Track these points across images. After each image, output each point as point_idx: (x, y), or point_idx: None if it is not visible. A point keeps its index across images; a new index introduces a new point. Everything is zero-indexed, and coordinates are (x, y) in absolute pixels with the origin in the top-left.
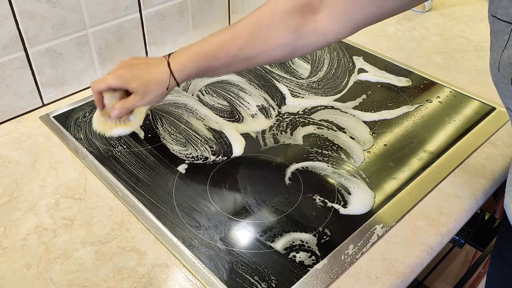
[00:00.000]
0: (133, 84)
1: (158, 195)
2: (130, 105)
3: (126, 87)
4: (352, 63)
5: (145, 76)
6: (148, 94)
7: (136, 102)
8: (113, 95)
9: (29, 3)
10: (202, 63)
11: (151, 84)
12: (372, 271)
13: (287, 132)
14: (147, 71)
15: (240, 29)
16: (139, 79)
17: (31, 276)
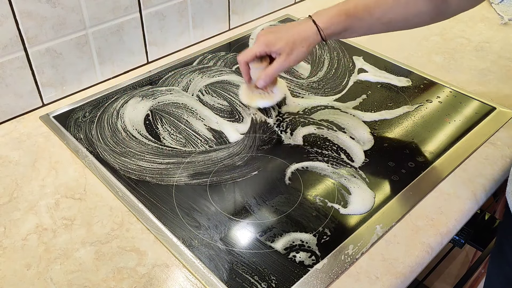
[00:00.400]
0: (278, 45)
1: (158, 195)
2: (274, 70)
3: (271, 50)
4: (352, 63)
5: (290, 35)
6: (293, 52)
7: (281, 64)
8: (259, 66)
9: (29, 3)
10: (347, 22)
11: (296, 41)
12: (372, 271)
13: (287, 132)
14: (291, 30)
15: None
16: (283, 39)
17: (31, 276)
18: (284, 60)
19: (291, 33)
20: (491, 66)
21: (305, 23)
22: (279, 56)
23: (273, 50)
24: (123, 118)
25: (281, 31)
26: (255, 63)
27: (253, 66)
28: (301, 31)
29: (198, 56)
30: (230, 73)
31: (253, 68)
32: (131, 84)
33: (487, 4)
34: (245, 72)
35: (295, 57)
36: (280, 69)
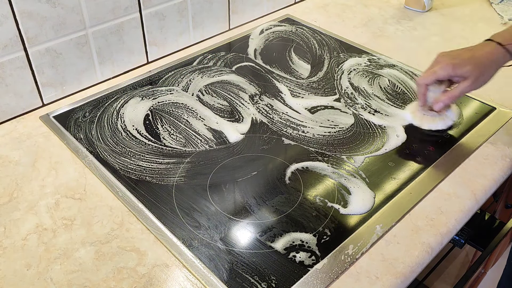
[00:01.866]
0: (466, 68)
1: (158, 195)
2: (458, 93)
3: (457, 74)
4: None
5: (477, 58)
6: (481, 76)
7: (467, 87)
8: (439, 88)
9: (29, 3)
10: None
11: (485, 64)
12: (372, 271)
13: (288, 132)
14: (477, 53)
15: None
16: (470, 62)
17: (31, 276)
18: (471, 84)
19: (478, 56)
20: None
21: (488, 45)
22: (465, 79)
23: (459, 74)
24: (123, 118)
25: (464, 54)
26: (434, 85)
27: (431, 89)
28: (488, 54)
29: (198, 56)
30: (230, 73)
31: (432, 90)
32: (131, 84)
33: (487, 4)
34: (422, 93)
35: (483, 81)
36: (464, 93)
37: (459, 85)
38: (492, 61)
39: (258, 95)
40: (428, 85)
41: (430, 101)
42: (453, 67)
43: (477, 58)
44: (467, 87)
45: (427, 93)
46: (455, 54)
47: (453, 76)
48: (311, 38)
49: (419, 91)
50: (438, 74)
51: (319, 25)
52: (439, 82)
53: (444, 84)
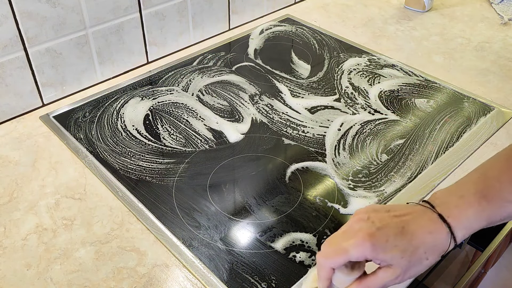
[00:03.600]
0: (391, 253)
1: (158, 195)
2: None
3: (378, 258)
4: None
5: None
6: (413, 267)
7: (392, 281)
8: (350, 274)
9: (29, 3)
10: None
11: (417, 249)
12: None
13: (288, 132)
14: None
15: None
16: (397, 246)
17: (31, 276)
18: (397, 277)
19: (410, 236)
20: (491, 66)
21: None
22: (390, 269)
23: (381, 259)
24: (123, 118)
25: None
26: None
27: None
28: (425, 234)
29: (198, 56)
30: (230, 73)
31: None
32: (131, 84)
33: (487, 4)
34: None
35: (415, 271)
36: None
37: (381, 275)
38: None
39: (258, 95)
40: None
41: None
42: (372, 249)
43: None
44: (392, 280)
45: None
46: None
47: (370, 258)
48: (311, 38)
49: (320, 275)
50: (349, 255)
51: (319, 25)
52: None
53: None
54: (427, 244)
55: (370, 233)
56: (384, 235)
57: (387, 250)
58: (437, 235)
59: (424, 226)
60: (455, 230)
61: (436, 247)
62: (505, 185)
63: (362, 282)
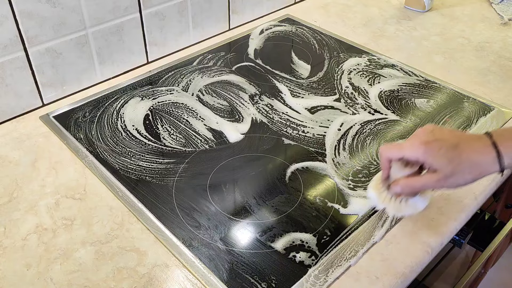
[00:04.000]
0: (439, 160)
1: (158, 195)
2: (420, 185)
3: (427, 162)
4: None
5: (458, 153)
6: (455, 176)
7: (432, 183)
8: (403, 170)
9: (29, 3)
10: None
11: (463, 164)
12: (372, 271)
13: (288, 132)
14: (460, 146)
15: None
16: (448, 154)
17: (31, 276)
18: (438, 181)
19: (459, 152)
20: (491, 66)
21: (483, 142)
22: (434, 173)
23: (429, 163)
24: (123, 118)
25: (450, 139)
26: (399, 163)
27: (395, 165)
28: (475, 153)
29: (198, 56)
30: (230, 73)
31: (395, 167)
32: (131, 84)
33: (487, 4)
34: (385, 167)
35: (455, 182)
36: (428, 187)
37: (426, 177)
38: (474, 165)
39: (258, 95)
40: (390, 160)
41: (392, 178)
42: (424, 152)
43: (458, 153)
44: (433, 183)
45: (391, 169)
46: (440, 134)
47: (422, 161)
48: (311, 38)
49: (381, 163)
50: (404, 153)
51: (319, 25)
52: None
53: (412, 168)
54: (473, 161)
55: (427, 141)
56: (438, 145)
57: (436, 157)
58: (485, 157)
59: (476, 147)
60: (503, 157)
61: (480, 167)
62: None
63: (408, 179)
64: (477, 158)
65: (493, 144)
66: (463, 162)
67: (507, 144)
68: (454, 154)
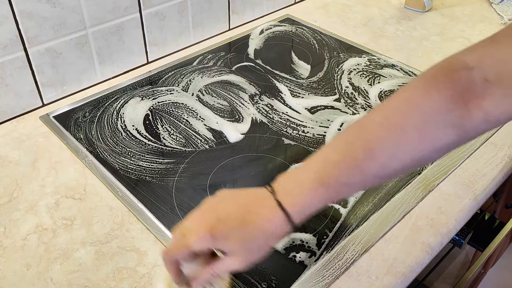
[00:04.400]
0: (229, 242)
1: (158, 195)
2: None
3: (218, 247)
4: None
5: (245, 228)
6: (254, 252)
7: (235, 265)
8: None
9: (29, 3)
10: (330, 194)
11: (256, 238)
12: (372, 271)
13: (288, 132)
14: (247, 220)
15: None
16: (236, 234)
17: (31, 276)
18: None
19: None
20: None
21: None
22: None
23: (220, 248)
24: (123, 118)
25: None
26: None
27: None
28: (263, 222)
29: (198, 56)
30: (230, 73)
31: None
32: (131, 84)
33: (487, 4)
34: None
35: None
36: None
37: (224, 261)
38: (269, 235)
39: (258, 95)
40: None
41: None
42: (212, 237)
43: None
44: (235, 264)
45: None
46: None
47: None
48: (311, 38)
49: (167, 267)
50: (190, 247)
51: (319, 25)
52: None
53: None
54: (266, 232)
55: (212, 226)
56: (225, 227)
57: (227, 242)
58: (275, 223)
59: (263, 215)
60: (292, 216)
61: (274, 234)
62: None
63: (211, 267)
64: (268, 227)
65: (278, 205)
66: (256, 237)
67: (292, 202)
68: (244, 233)
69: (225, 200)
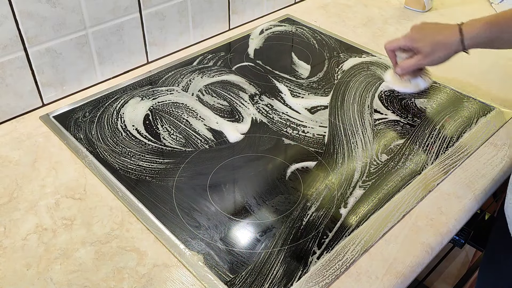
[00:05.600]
0: (420, 43)
1: (158, 195)
2: (409, 65)
3: (413, 46)
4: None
5: (433, 38)
6: (432, 55)
7: (416, 63)
8: (402, 55)
9: (29, 3)
10: (494, 33)
11: (438, 45)
12: (372, 271)
13: (288, 132)
14: (438, 32)
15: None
16: (427, 39)
17: (31, 276)
18: (420, 60)
19: (436, 36)
20: (491, 66)
21: (452, 29)
22: (418, 54)
23: (414, 47)
24: (123, 118)
25: (429, 30)
26: (399, 51)
27: (398, 54)
28: (445, 37)
29: (198, 56)
30: (230, 73)
31: (399, 56)
32: (131, 84)
33: (487, 4)
34: (391, 56)
35: (431, 60)
36: (415, 66)
37: (413, 58)
38: (445, 45)
39: (258, 95)
40: (392, 51)
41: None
42: (411, 40)
43: (434, 38)
44: (416, 61)
45: (397, 57)
46: (422, 29)
47: (411, 47)
48: (311, 38)
49: (388, 54)
50: (399, 43)
51: (319, 25)
52: (405, 50)
53: (409, 53)
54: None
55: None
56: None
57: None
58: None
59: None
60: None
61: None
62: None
63: (404, 61)
64: (446, 41)
65: (459, 31)
66: (438, 44)
67: (470, 30)
68: (432, 39)
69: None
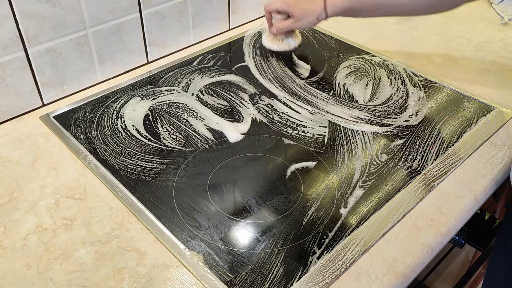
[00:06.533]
0: (293, 8)
1: (158, 195)
2: (282, 26)
3: (288, 10)
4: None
5: (303, 5)
6: (302, 20)
7: (290, 24)
8: (277, 17)
9: (29, 3)
10: (352, 4)
11: (307, 11)
12: (372, 271)
13: (288, 132)
14: (308, 1)
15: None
16: (298, 5)
17: (31, 276)
18: (291, 23)
19: (306, 4)
20: (491, 66)
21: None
22: (291, 17)
23: (288, 11)
24: (123, 118)
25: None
26: (275, 13)
27: (274, 15)
28: (313, 5)
29: (198, 56)
30: (230, 73)
31: (274, 17)
32: (131, 84)
33: (487, 4)
34: (267, 17)
35: (302, 24)
36: (287, 28)
37: (286, 21)
38: (312, 11)
39: (258, 95)
40: (269, 12)
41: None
42: (287, 5)
43: (305, 5)
44: (289, 24)
45: (272, 19)
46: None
47: (286, 11)
48: (311, 38)
49: (265, 15)
50: (276, 6)
51: (319, 25)
52: (280, 12)
53: (284, 16)
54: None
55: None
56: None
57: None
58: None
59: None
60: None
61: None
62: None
63: (278, 23)
64: (314, 8)
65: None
66: (307, 10)
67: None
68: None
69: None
